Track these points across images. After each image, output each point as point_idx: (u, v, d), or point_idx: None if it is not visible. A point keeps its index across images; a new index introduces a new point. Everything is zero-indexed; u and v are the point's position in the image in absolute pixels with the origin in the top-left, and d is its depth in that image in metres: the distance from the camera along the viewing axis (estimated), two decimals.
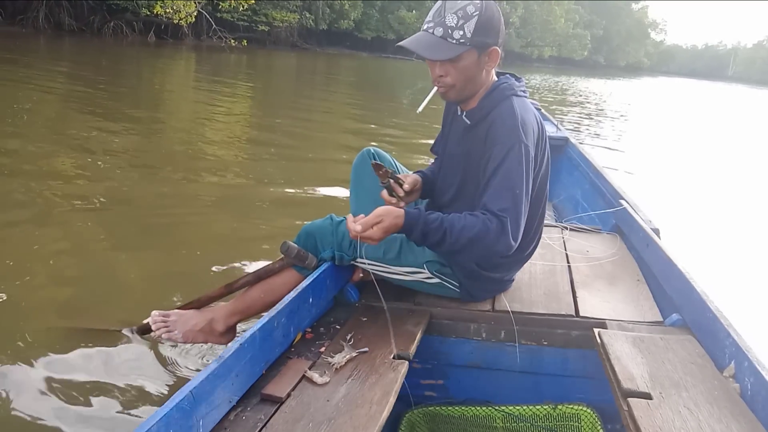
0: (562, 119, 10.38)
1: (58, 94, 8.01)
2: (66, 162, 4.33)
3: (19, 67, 10.35)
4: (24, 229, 3.00)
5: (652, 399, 1.18)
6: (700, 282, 1.59)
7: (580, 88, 24.21)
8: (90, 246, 2.89)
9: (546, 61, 59.12)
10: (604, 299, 1.79)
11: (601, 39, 71.31)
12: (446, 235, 1.49)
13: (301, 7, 30.15)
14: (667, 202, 5.36)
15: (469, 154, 1.65)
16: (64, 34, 20.29)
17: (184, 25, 22.60)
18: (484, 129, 1.59)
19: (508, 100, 1.59)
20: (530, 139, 1.54)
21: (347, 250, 1.67)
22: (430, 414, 1.69)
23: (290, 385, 1.28)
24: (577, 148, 3.65)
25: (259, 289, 1.72)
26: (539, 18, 54.26)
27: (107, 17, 22.13)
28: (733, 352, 1.30)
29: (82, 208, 3.40)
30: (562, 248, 2.20)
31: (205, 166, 4.86)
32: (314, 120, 8.44)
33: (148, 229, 3.23)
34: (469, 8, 1.49)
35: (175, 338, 1.70)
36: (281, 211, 3.83)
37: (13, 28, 19.02)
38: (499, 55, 1.58)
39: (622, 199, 2.50)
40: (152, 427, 0.92)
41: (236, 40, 23.99)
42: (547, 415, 1.62)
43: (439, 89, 1.62)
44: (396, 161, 2.00)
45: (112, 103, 7.56)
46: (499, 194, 1.49)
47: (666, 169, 7.51)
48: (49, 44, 16.98)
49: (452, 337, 1.71)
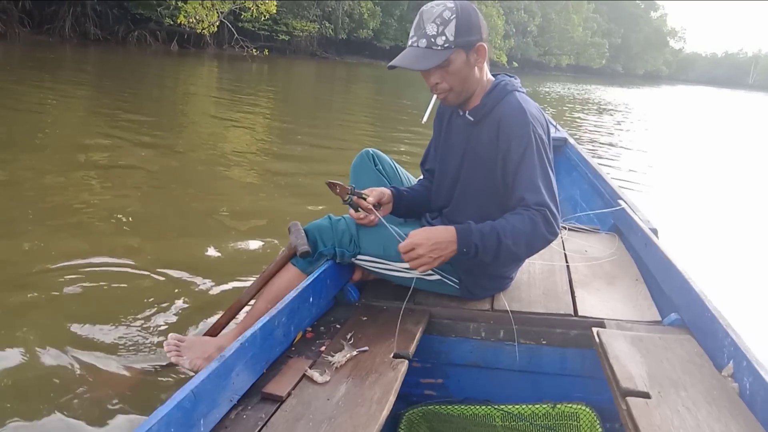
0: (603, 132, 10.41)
1: (81, 102, 8.13)
2: (83, 175, 4.25)
3: (44, 74, 10.63)
4: (38, 238, 2.95)
5: (651, 398, 1.18)
6: (699, 281, 1.59)
7: (606, 98, 23.84)
8: (110, 253, 2.84)
9: (563, 70, 58.90)
10: (602, 299, 1.80)
11: (619, 47, 70.77)
12: (501, 237, 1.51)
13: (320, 16, 30.60)
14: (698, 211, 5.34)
15: (471, 149, 1.67)
16: (89, 43, 20.83)
17: (207, 34, 23.05)
18: (491, 125, 1.61)
19: (511, 95, 1.62)
20: (540, 127, 1.58)
21: (347, 246, 1.68)
22: (429, 413, 1.70)
23: (291, 384, 1.28)
24: (575, 148, 3.66)
25: (264, 299, 1.71)
26: (557, 26, 54.17)
27: (131, 27, 22.79)
28: (732, 351, 1.30)
29: (99, 218, 3.36)
30: (561, 248, 2.21)
31: (229, 175, 4.79)
32: (334, 129, 8.49)
33: (167, 242, 3.15)
34: (445, 13, 1.52)
35: (182, 364, 1.70)
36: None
37: (41, 37, 19.70)
38: (486, 50, 1.60)
39: (621, 199, 2.51)
40: (153, 426, 0.93)
41: (258, 49, 24.37)
42: (545, 414, 1.63)
43: (438, 96, 1.64)
44: (396, 163, 2.00)
45: (135, 111, 7.61)
46: (531, 188, 1.52)
47: (693, 178, 7.37)
48: (74, 53, 17.42)
49: (452, 337, 1.71)
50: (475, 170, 1.68)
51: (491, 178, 1.64)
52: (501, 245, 1.51)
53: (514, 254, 1.56)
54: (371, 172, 1.92)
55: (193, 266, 2.73)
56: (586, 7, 61.31)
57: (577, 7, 57.56)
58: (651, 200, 5.36)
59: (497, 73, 1.73)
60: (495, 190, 1.64)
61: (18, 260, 2.66)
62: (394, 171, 1.97)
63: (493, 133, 1.60)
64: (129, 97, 8.99)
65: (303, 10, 29.03)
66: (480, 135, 1.65)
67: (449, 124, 1.79)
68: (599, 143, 9.12)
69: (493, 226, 1.53)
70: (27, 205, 3.42)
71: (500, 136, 1.58)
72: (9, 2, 18.53)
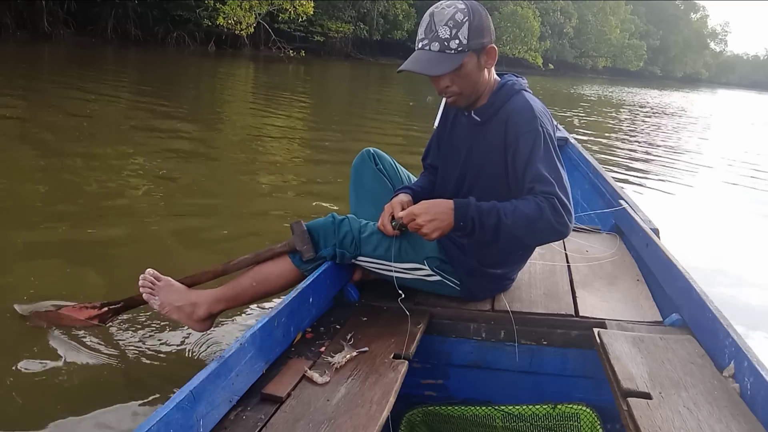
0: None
1: (122, 101, 8.35)
2: (118, 178, 4.35)
3: (87, 72, 11.31)
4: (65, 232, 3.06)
5: (652, 399, 1.18)
6: (700, 282, 1.59)
7: (660, 101, 23.52)
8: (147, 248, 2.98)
9: (600, 72, 58.05)
10: (603, 299, 1.79)
11: (657, 49, 69.05)
12: (501, 216, 1.48)
13: (355, 17, 30.98)
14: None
15: (477, 149, 1.67)
16: (129, 43, 21.64)
17: (244, 35, 23.54)
18: (498, 124, 1.60)
19: (519, 95, 1.62)
20: (548, 124, 1.58)
21: (349, 247, 1.67)
22: (429, 414, 1.69)
23: (290, 385, 1.28)
24: (576, 148, 3.65)
25: (252, 277, 1.68)
26: (594, 28, 53.27)
27: (171, 28, 23.54)
28: (733, 352, 1.30)
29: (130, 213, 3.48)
30: (562, 248, 2.20)
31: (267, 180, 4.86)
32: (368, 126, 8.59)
33: (197, 243, 3.19)
34: (457, 16, 1.50)
35: (153, 303, 1.68)
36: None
37: (84, 38, 20.59)
38: (496, 51, 1.59)
39: (622, 199, 2.50)
40: (152, 427, 0.92)
41: (295, 50, 24.78)
42: (546, 414, 1.62)
43: (447, 100, 1.63)
44: (396, 163, 2.00)
45: (177, 110, 7.91)
46: (540, 179, 1.49)
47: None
48: (116, 53, 18.18)
49: (452, 337, 1.71)
50: (481, 170, 1.67)
51: (498, 177, 1.63)
52: (500, 224, 1.48)
53: (515, 237, 1.51)
54: (372, 171, 1.92)
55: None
56: (624, 8, 60.03)
57: (614, 9, 56.44)
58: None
59: (503, 72, 1.72)
60: (502, 190, 1.62)
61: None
62: (394, 170, 1.97)
63: (501, 133, 1.59)
64: (172, 95, 9.45)
65: (338, 12, 29.43)
66: (486, 135, 1.64)
67: (453, 124, 1.79)
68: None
69: (495, 204, 1.51)
70: (70, 186, 3.86)
71: (508, 133, 1.57)
72: (55, 5, 19.66)
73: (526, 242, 1.66)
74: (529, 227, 1.48)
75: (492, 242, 1.55)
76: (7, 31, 18.27)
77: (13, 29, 18.55)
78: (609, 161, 7.17)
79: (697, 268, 2.54)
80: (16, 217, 3.20)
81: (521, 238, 1.53)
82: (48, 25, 19.36)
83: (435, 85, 1.60)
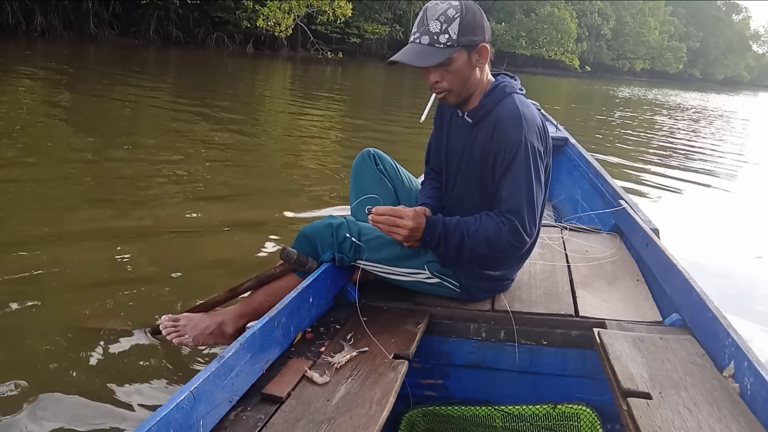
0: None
1: (164, 100, 8.73)
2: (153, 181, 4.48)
3: (132, 73, 11.75)
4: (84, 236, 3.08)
5: (652, 399, 1.18)
6: (700, 282, 1.59)
7: (700, 104, 23.21)
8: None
9: (637, 74, 57.29)
10: (603, 299, 1.79)
11: (697, 51, 67.80)
12: (464, 236, 1.59)
13: (391, 19, 31.41)
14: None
15: (469, 150, 1.68)
16: (171, 45, 22.49)
17: (283, 37, 24.15)
18: (488, 127, 1.61)
19: (509, 98, 1.62)
20: (534, 134, 1.58)
21: (347, 252, 1.67)
22: (429, 414, 1.69)
23: (290, 385, 1.28)
24: (576, 148, 3.65)
25: (263, 293, 1.73)
26: (632, 30, 52.78)
27: (211, 29, 24.31)
28: (733, 352, 1.30)
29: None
30: (562, 248, 2.20)
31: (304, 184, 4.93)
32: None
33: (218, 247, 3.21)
34: (449, 11, 1.51)
35: (185, 342, 1.72)
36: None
37: (127, 39, 21.59)
38: (489, 51, 1.60)
39: (622, 199, 2.50)
40: (152, 427, 0.92)
41: (332, 51, 25.27)
42: (546, 414, 1.62)
43: (437, 95, 1.64)
44: (396, 163, 2.00)
45: (221, 111, 8.13)
46: (509, 195, 1.57)
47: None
48: (157, 54, 18.89)
49: (452, 337, 1.71)
50: (471, 171, 1.68)
51: (485, 179, 1.65)
52: (463, 245, 1.59)
53: (477, 255, 1.63)
54: (372, 172, 1.92)
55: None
56: (663, 9, 59.31)
57: (653, 10, 55.82)
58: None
59: (497, 72, 1.72)
60: (488, 192, 1.65)
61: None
62: (395, 171, 1.97)
63: (489, 136, 1.60)
64: (221, 95, 9.82)
65: (374, 13, 29.89)
66: (477, 137, 1.65)
67: (450, 125, 1.79)
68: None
69: (461, 224, 1.60)
70: (108, 174, 4.26)
71: (494, 138, 1.59)
72: (101, 7, 20.67)
73: (487, 258, 1.71)
74: (489, 246, 1.59)
75: (455, 257, 1.65)
76: (55, 32, 19.28)
77: (60, 30, 19.57)
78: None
79: (697, 268, 2.55)
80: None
81: (483, 255, 1.64)
82: (94, 26, 20.39)
83: (426, 79, 1.62)
